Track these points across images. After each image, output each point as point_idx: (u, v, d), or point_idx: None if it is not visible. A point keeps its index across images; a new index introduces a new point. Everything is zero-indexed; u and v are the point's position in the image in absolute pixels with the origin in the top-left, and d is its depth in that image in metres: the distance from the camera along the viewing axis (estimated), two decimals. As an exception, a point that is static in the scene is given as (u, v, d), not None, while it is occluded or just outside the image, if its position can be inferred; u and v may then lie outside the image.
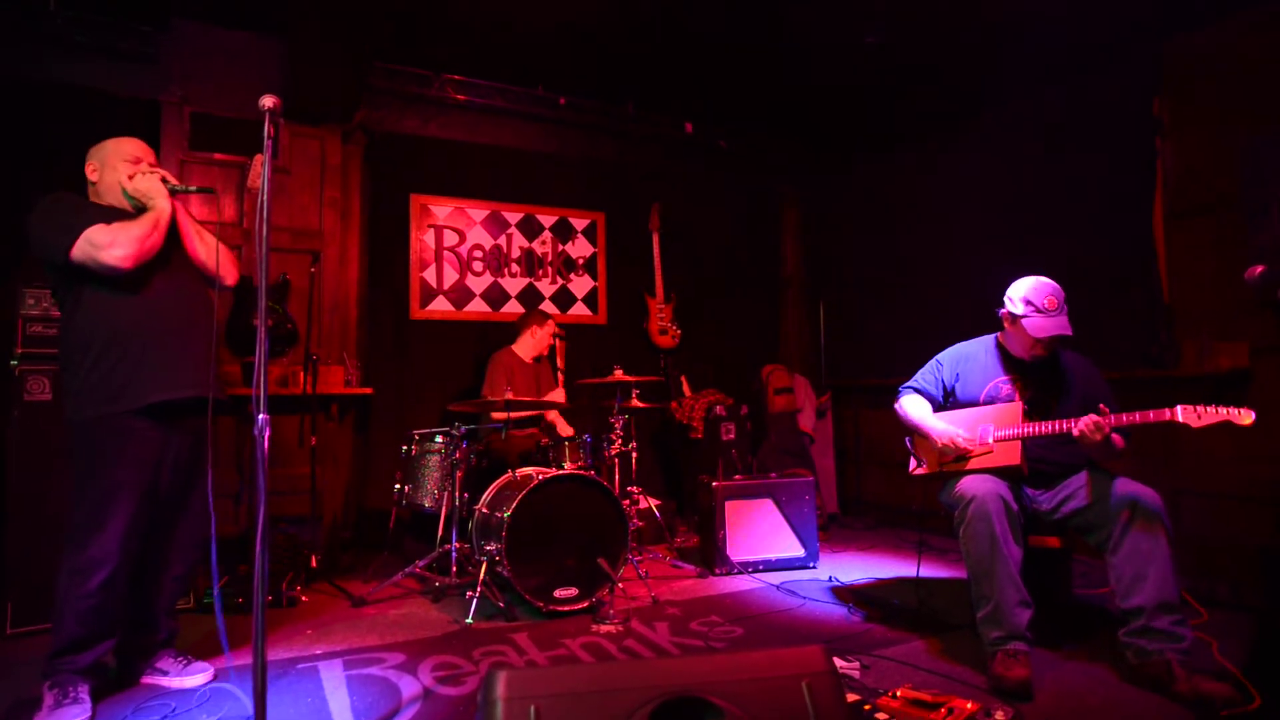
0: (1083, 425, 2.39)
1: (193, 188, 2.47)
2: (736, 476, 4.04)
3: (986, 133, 4.71)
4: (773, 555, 3.88)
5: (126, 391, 2.26)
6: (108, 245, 2.20)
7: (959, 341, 2.96)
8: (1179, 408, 2.27)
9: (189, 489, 2.42)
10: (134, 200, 2.37)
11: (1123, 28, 3.74)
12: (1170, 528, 2.35)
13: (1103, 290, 3.95)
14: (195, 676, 2.45)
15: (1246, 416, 2.20)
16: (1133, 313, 3.84)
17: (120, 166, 2.40)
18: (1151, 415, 2.31)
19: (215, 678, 2.48)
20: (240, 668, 2.58)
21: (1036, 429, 2.54)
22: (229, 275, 2.54)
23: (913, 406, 2.88)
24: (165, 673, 2.44)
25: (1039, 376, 2.71)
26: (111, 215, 2.32)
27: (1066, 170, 4.19)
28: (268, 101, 1.86)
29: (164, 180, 2.38)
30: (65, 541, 2.24)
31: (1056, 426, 2.49)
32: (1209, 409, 2.23)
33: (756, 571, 3.81)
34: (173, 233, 2.43)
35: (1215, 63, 3.56)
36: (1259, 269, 2.21)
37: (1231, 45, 3.50)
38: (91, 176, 2.42)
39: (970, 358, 2.86)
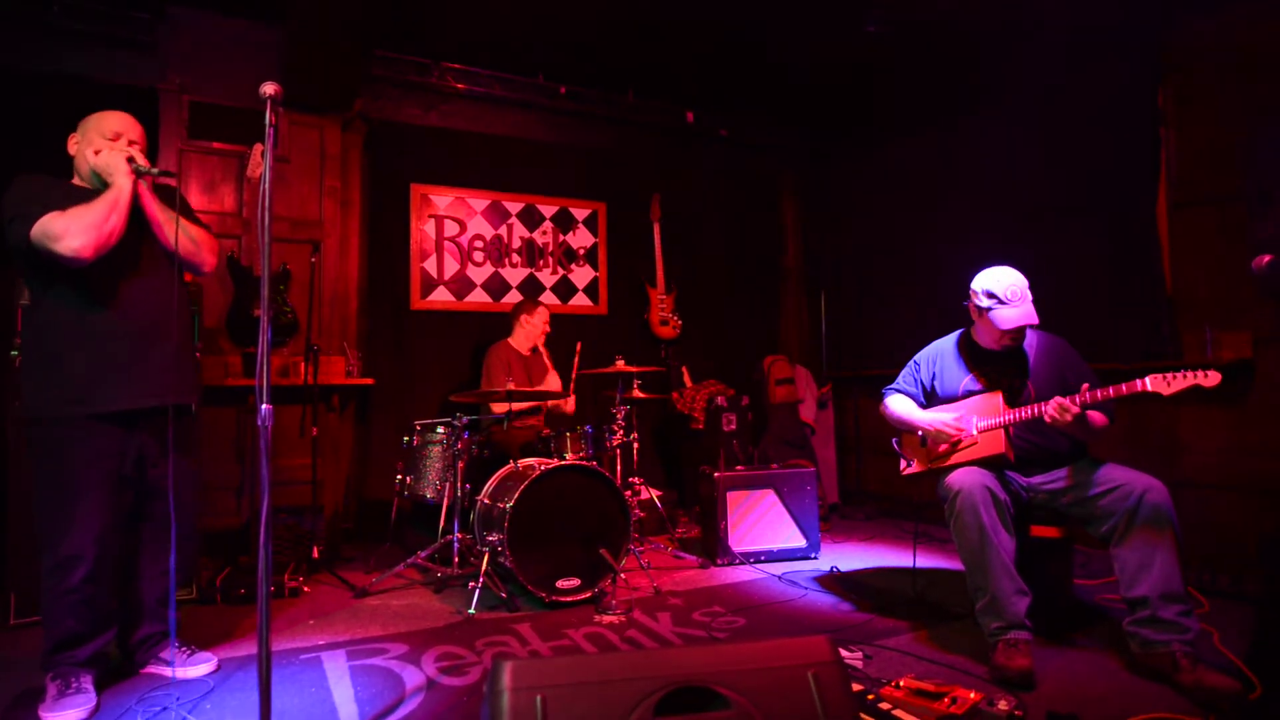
0: (1050, 409, 2.42)
1: (155, 170, 2.26)
2: (738, 467, 4.04)
3: (988, 122, 4.68)
4: (774, 546, 3.89)
5: (88, 396, 2.17)
6: (62, 235, 2.05)
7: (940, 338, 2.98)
8: (1148, 377, 2.29)
9: (174, 478, 2.30)
10: (97, 179, 2.22)
11: (1126, 16, 3.71)
12: (1176, 519, 2.35)
13: (1105, 281, 3.94)
14: (199, 667, 2.44)
15: (1212, 378, 2.22)
16: (1135, 303, 3.82)
17: (96, 141, 2.25)
18: (1124, 388, 2.32)
19: (219, 668, 2.47)
20: (244, 658, 2.58)
21: (1016, 415, 2.57)
22: (208, 261, 2.40)
23: (897, 404, 2.93)
24: (169, 663, 2.44)
25: (1006, 365, 2.73)
26: (76, 196, 2.17)
27: (1068, 160, 4.16)
28: (269, 89, 1.83)
29: (130, 160, 2.21)
30: (40, 542, 2.19)
31: (1032, 411, 2.51)
32: (1177, 375, 2.26)
33: (758, 562, 3.82)
34: (143, 223, 2.28)
35: (1219, 52, 3.53)
36: (1266, 258, 2.20)
37: (1235, 34, 3.47)
38: (71, 150, 2.30)
39: (944, 355, 2.89)
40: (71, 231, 2.06)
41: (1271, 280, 2.28)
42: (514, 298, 4.95)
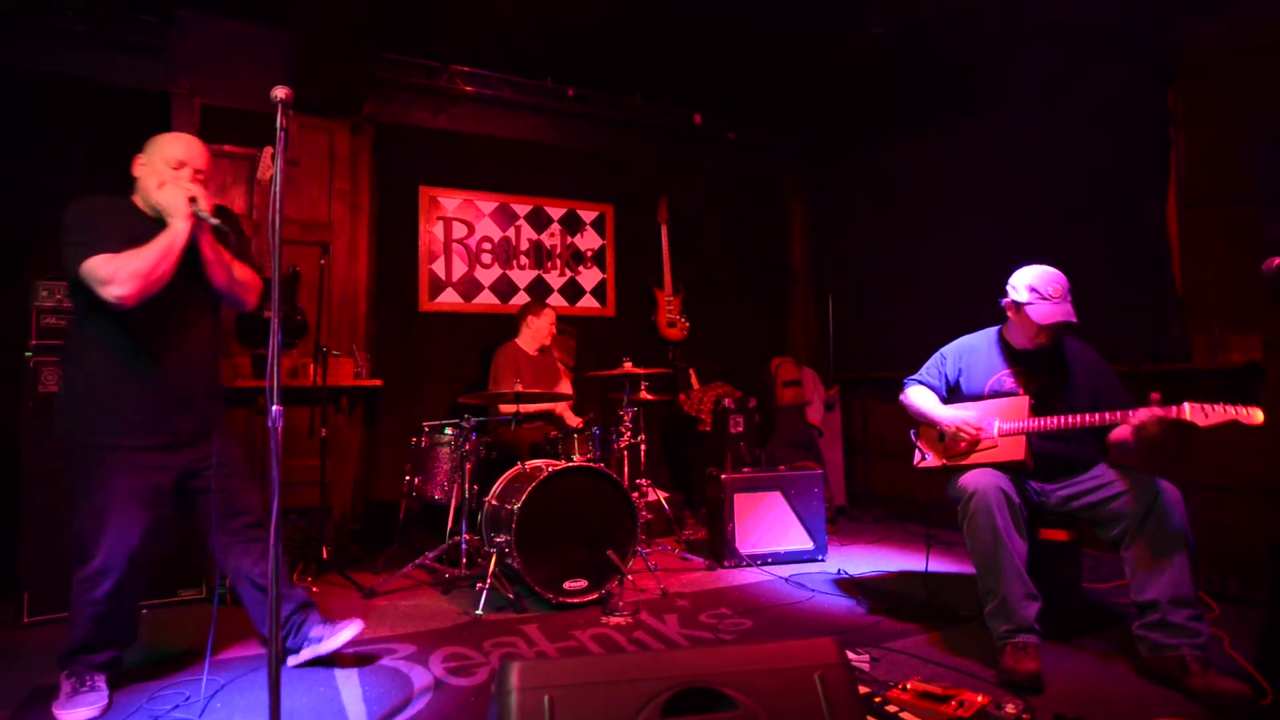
0: (1143, 416, 2.32)
1: (215, 220, 2.19)
2: (745, 469, 4.04)
3: (996, 123, 4.67)
4: (781, 548, 3.88)
5: (117, 429, 2.20)
6: (109, 280, 2.05)
7: (969, 334, 2.94)
8: (1185, 405, 2.24)
9: (215, 483, 2.34)
10: (157, 211, 2.20)
11: (1127, 17, 3.70)
12: (1188, 523, 2.33)
13: (1113, 282, 3.92)
14: (346, 630, 2.43)
15: (1255, 415, 2.16)
16: (1144, 305, 3.80)
17: (159, 169, 2.23)
18: (1159, 412, 2.29)
19: (363, 630, 2.49)
20: (253, 657, 2.60)
21: (1043, 423, 2.52)
22: (250, 302, 2.41)
23: (919, 397, 2.87)
24: (319, 640, 2.43)
25: (1043, 369, 2.69)
26: (134, 225, 2.18)
27: (1077, 161, 4.15)
28: (280, 93, 1.84)
29: (193, 201, 2.17)
30: (73, 551, 2.21)
31: (1065, 421, 2.47)
32: (1216, 407, 2.20)
33: (765, 564, 3.81)
34: (194, 261, 2.23)
35: (1230, 52, 3.51)
36: (1276, 261, 2.19)
37: (1246, 34, 3.45)
38: (135, 171, 2.28)
39: (974, 350, 2.84)
40: (119, 278, 2.06)
41: (1282, 283, 2.26)
42: (522, 299, 4.97)
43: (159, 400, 2.25)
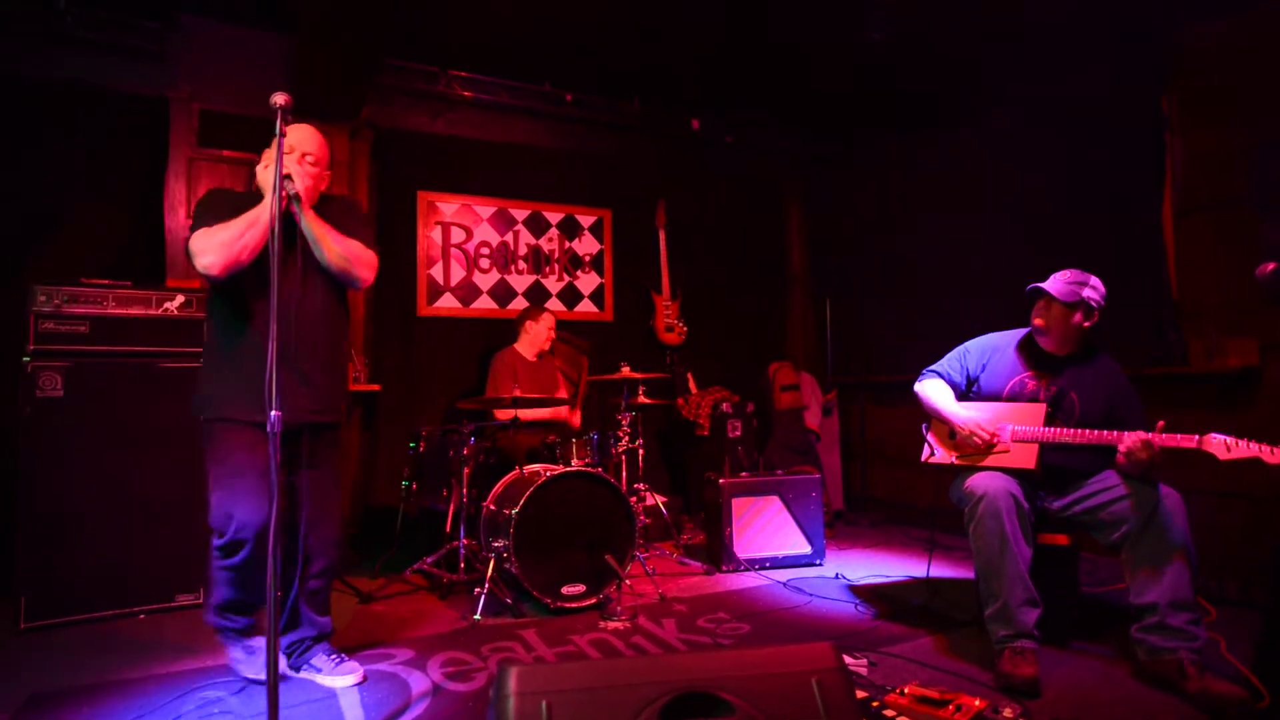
0: (1130, 442, 2.34)
1: (298, 192, 2.20)
2: (743, 474, 4.04)
3: (994, 128, 4.69)
4: (779, 552, 3.88)
5: (235, 404, 2.25)
6: (199, 252, 2.14)
7: (964, 338, 2.93)
8: (1211, 436, 2.25)
9: (312, 487, 2.37)
10: (261, 192, 2.28)
11: (1131, 21, 3.72)
12: (1188, 527, 2.34)
13: (1110, 286, 3.90)
14: (346, 677, 2.42)
15: (1278, 455, 2.16)
16: (1141, 308, 3.81)
17: (272, 155, 2.22)
18: (1180, 439, 2.29)
19: (365, 679, 2.44)
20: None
21: (1056, 435, 2.50)
22: (364, 278, 2.40)
23: (934, 390, 2.80)
24: (319, 670, 2.45)
25: (1059, 374, 2.65)
26: (242, 206, 2.22)
27: (1074, 166, 4.16)
28: (279, 99, 1.86)
29: (286, 177, 2.16)
30: (209, 522, 2.30)
31: (1081, 436, 2.45)
32: (1240, 443, 2.20)
33: (763, 568, 3.81)
34: (300, 236, 2.25)
35: (1225, 57, 3.52)
36: (1270, 266, 2.20)
37: (1242, 39, 3.46)
38: (258, 166, 2.40)
39: (999, 349, 2.80)
40: (205, 249, 2.13)
41: (1275, 288, 2.28)
42: (520, 304, 4.97)
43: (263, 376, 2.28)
